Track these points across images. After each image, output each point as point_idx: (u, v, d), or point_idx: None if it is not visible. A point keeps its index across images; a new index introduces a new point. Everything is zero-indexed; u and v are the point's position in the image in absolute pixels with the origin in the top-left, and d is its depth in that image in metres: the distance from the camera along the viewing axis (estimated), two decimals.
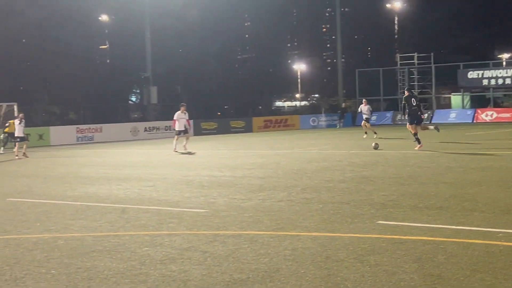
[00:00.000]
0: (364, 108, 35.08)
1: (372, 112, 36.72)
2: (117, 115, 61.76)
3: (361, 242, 8.49)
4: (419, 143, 23.60)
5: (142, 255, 8.25)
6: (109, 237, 9.43)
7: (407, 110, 24.04)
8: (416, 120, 24.16)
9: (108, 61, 68.49)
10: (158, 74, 56.11)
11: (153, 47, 52.15)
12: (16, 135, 28.30)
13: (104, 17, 62.22)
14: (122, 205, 12.47)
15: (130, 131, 43.87)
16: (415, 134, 23.94)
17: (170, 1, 56.64)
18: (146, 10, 51.16)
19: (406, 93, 24.69)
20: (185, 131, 28.57)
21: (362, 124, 35.24)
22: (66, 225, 10.60)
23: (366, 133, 34.06)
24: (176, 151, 27.37)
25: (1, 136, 31.99)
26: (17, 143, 28.15)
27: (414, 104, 24.01)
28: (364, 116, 34.81)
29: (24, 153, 28.16)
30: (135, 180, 16.85)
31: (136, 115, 69.17)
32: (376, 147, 24.66)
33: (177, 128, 28.53)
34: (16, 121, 28.64)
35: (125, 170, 19.99)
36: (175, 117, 28.56)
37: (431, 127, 26.42)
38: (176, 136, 28.66)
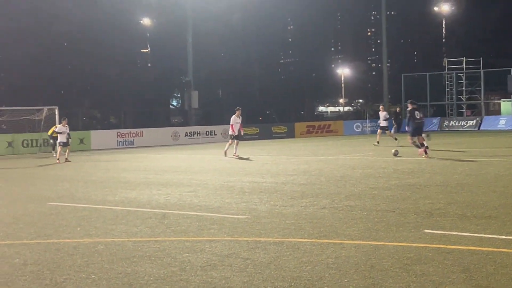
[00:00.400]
0: (381, 114, 33.43)
1: (388, 119, 33.95)
2: (158, 120, 62.22)
3: (407, 251, 8.29)
4: (420, 147, 23.50)
5: (182, 261, 8.17)
6: (150, 243, 9.36)
7: (411, 122, 23.74)
8: (418, 133, 23.73)
9: (149, 65, 69.03)
10: (199, 78, 56.32)
11: (195, 50, 52.28)
12: (58, 140, 28.71)
13: (145, 21, 62.73)
14: (162, 211, 12.41)
15: (171, 136, 44.02)
16: (415, 143, 23.84)
17: (212, 4, 56.85)
18: (188, 14, 51.31)
19: (410, 106, 24.00)
20: (237, 136, 27.99)
21: (388, 133, 33.38)
22: (106, 230, 10.56)
23: (378, 142, 32.60)
24: (228, 156, 27.23)
25: (51, 141, 32.39)
26: (60, 147, 28.52)
27: (418, 117, 23.72)
28: (381, 124, 33.23)
29: (66, 158, 28.51)
30: (176, 186, 16.81)
31: (176, 120, 69.63)
32: (396, 154, 24.49)
33: (230, 133, 28.07)
34: (60, 126, 29.05)
35: (166, 175, 19.98)
36: (231, 122, 27.97)
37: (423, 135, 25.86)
38: (230, 141, 28.24)
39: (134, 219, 11.51)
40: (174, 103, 77.43)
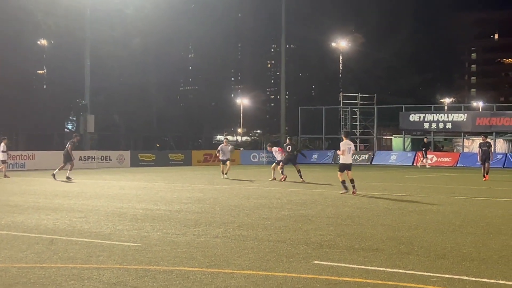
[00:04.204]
0: (226, 148, 31.63)
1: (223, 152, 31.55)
2: (52, 143, 60.59)
3: (295, 282, 8.36)
4: (282, 174, 29.09)
5: None
6: (35, 269, 9.04)
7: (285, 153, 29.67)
8: (289, 162, 29.54)
9: (45, 86, 67.32)
10: (96, 102, 55.33)
11: (93, 74, 51.26)
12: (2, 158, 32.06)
13: (42, 41, 61.26)
14: (50, 236, 12.04)
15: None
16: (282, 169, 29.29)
17: (112, 28, 56.18)
18: (86, 36, 50.38)
19: (287, 141, 30.16)
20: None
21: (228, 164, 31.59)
22: None
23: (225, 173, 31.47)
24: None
25: None
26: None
27: (289, 151, 29.35)
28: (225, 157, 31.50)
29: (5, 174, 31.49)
30: (66, 211, 16.37)
31: None
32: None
33: (280, 158, 30.11)
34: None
35: (56, 200, 19.44)
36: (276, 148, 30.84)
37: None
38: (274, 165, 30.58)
39: (20, 244, 11.11)
40: (70, 126, 75.83)
